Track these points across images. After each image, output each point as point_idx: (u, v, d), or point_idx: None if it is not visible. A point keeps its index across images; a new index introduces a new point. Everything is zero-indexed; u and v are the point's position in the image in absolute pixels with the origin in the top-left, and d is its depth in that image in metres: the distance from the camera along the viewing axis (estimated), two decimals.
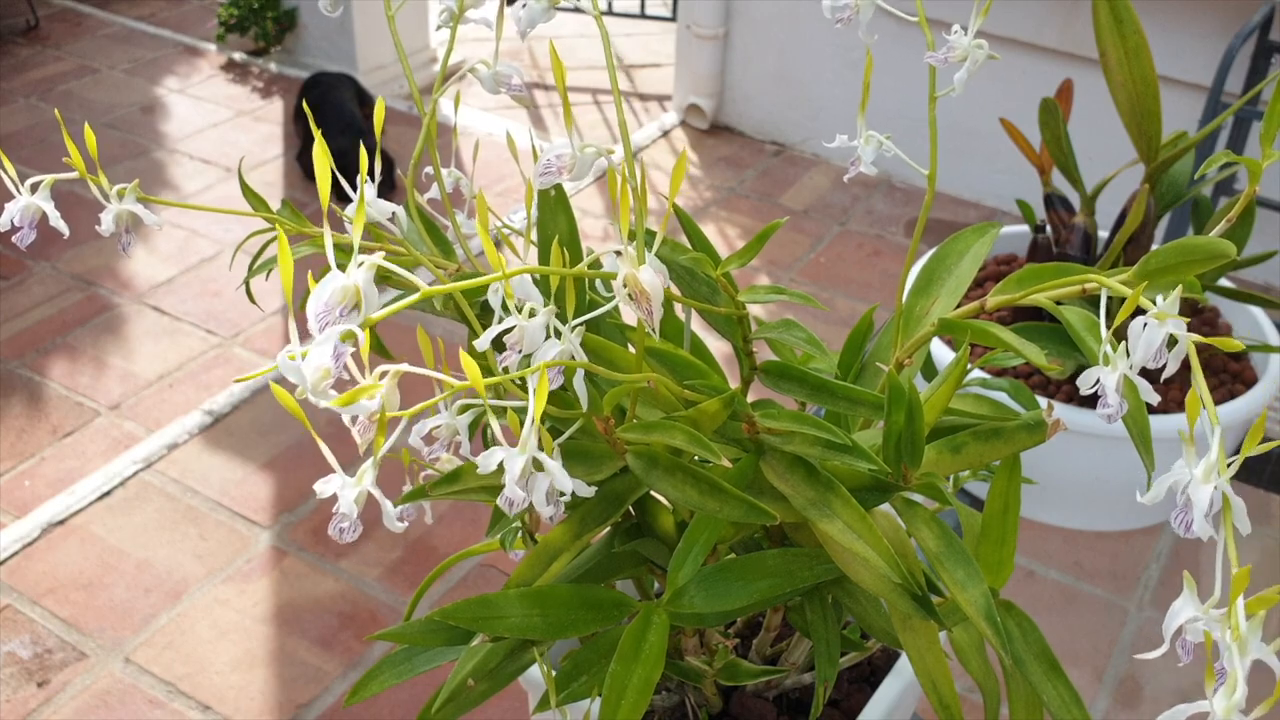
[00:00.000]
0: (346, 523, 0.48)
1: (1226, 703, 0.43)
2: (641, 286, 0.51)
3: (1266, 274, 2.11)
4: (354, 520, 0.48)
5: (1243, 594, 0.44)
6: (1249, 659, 0.44)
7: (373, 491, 0.48)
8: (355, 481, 0.48)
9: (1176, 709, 0.44)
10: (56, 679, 1.33)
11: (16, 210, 0.61)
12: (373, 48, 2.76)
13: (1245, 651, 0.44)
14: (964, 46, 0.62)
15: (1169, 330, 0.49)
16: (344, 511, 0.48)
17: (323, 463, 0.48)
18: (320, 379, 0.43)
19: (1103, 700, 1.33)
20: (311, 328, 0.44)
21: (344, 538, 0.48)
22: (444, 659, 0.75)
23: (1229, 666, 0.44)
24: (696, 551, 0.66)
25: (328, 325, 0.44)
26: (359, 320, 0.44)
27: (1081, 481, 1.50)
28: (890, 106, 2.33)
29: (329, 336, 0.43)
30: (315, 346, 0.43)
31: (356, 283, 0.45)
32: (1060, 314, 0.58)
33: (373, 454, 0.47)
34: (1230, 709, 0.43)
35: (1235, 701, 0.43)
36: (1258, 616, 0.44)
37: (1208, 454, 0.47)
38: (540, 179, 0.55)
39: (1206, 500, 0.46)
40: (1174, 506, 0.48)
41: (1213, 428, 0.47)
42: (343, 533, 0.48)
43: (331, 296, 0.45)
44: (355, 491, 0.48)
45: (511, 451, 0.49)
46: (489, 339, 0.53)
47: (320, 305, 0.44)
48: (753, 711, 0.83)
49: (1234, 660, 0.44)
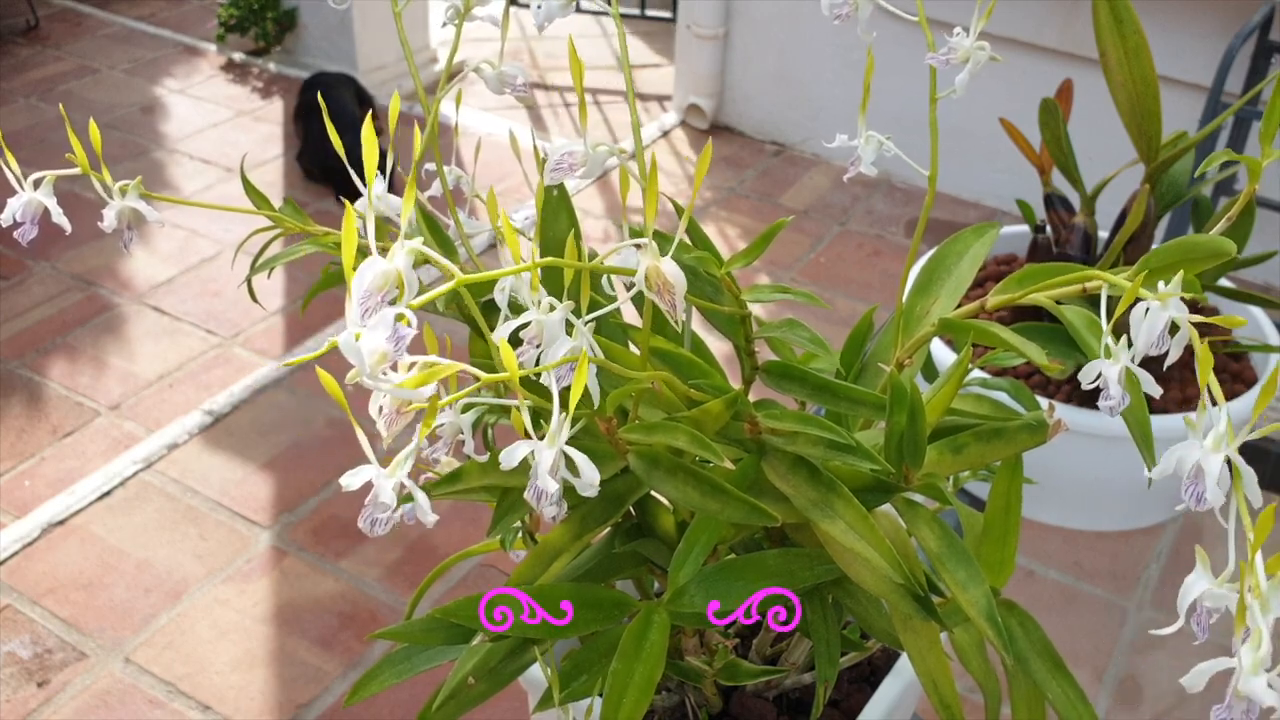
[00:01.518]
0: (384, 513, 0.47)
1: (1253, 657, 0.43)
2: (665, 278, 0.51)
3: (1266, 274, 2.11)
4: (392, 511, 0.47)
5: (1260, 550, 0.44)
6: (1271, 616, 0.44)
7: (407, 483, 0.47)
8: (390, 472, 0.47)
9: (1198, 668, 0.44)
10: (56, 679, 1.33)
11: (19, 206, 0.61)
12: (373, 48, 2.76)
13: (1267, 608, 0.44)
14: (965, 48, 0.62)
15: (1170, 315, 0.49)
16: (384, 501, 0.47)
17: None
18: (377, 362, 0.42)
19: (1103, 700, 1.33)
20: (353, 314, 0.44)
21: (374, 531, 0.47)
22: (444, 658, 0.75)
23: (1251, 624, 0.44)
24: (697, 552, 0.66)
25: (369, 311, 0.43)
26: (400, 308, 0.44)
27: (1081, 481, 1.50)
28: (891, 107, 2.32)
29: (384, 319, 0.42)
30: (369, 330, 0.42)
31: (399, 267, 0.45)
32: (1061, 313, 0.58)
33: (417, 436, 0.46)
34: (1257, 663, 0.43)
35: (1261, 657, 0.43)
36: (1278, 576, 0.44)
37: (1215, 427, 0.47)
38: (551, 175, 0.55)
39: (1218, 467, 0.46)
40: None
41: (1218, 405, 0.47)
42: (375, 525, 0.47)
43: (373, 281, 0.44)
44: (393, 481, 0.47)
45: (540, 444, 0.49)
46: (508, 330, 0.53)
47: (362, 290, 0.44)
48: (753, 711, 0.83)
49: (1256, 617, 0.44)
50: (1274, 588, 0.44)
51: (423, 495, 0.47)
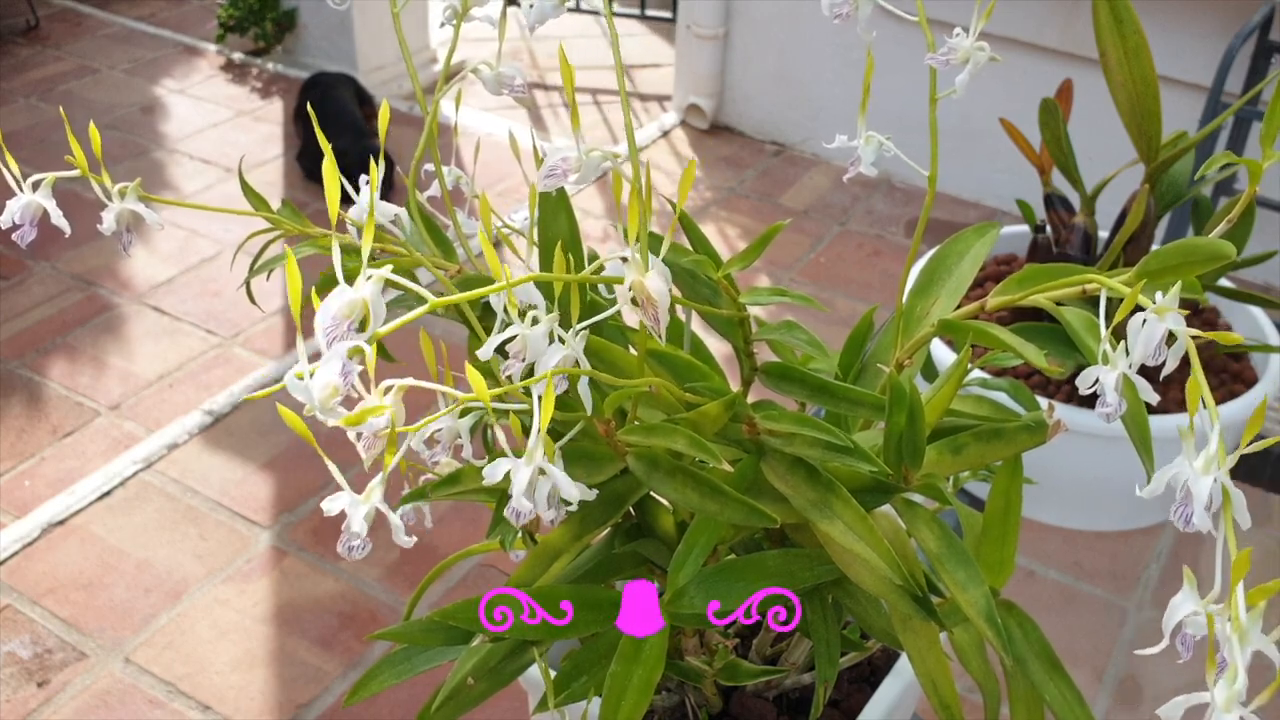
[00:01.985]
0: (357, 541, 0.48)
1: (1228, 692, 0.43)
2: (649, 293, 0.51)
3: (1266, 274, 2.11)
4: (364, 539, 0.48)
5: (1242, 582, 0.44)
6: (1249, 649, 0.44)
7: (381, 508, 0.48)
8: (364, 499, 0.48)
9: (1174, 701, 0.44)
10: (56, 679, 1.33)
11: (18, 208, 0.61)
12: (373, 48, 2.76)
13: (1246, 641, 0.44)
14: (965, 49, 0.62)
15: (1168, 326, 0.49)
16: (355, 530, 0.47)
17: (323, 463, 0.48)
18: (328, 396, 0.42)
19: (1103, 700, 1.33)
20: (319, 343, 0.44)
21: (353, 555, 0.48)
22: (444, 659, 0.75)
23: (1229, 657, 0.44)
24: (697, 552, 0.66)
25: (335, 340, 0.43)
26: (367, 336, 0.44)
27: (1081, 481, 1.50)
28: (893, 107, 2.32)
29: (336, 354, 0.43)
30: (323, 364, 0.43)
31: (364, 297, 0.45)
32: (1060, 314, 0.58)
33: (381, 469, 0.47)
34: (1231, 699, 0.43)
35: (1236, 692, 0.43)
36: (1258, 607, 0.44)
37: (1207, 447, 0.47)
38: (545, 181, 0.55)
39: (1206, 492, 0.46)
40: (1174, 504, 0.48)
41: (1212, 423, 0.47)
42: (352, 550, 0.48)
43: (339, 311, 0.44)
44: (365, 509, 0.48)
45: (518, 462, 0.49)
46: (490, 349, 0.53)
47: (328, 320, 0.44)
48: (753, 711, 0.83)
49: (1234, 651, 0.44)
50: (1253, 620, 0.44)
51: (395, 518, 0.48)
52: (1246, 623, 0.44)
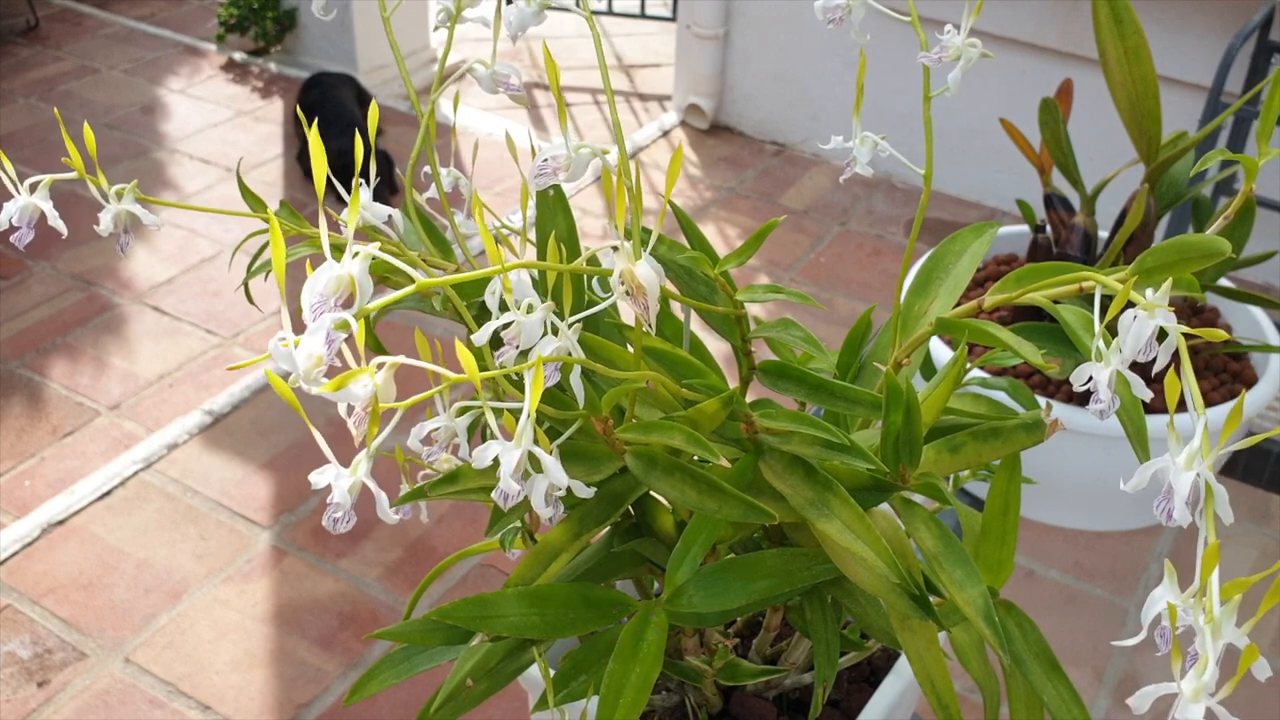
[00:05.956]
0: (340, 512, 0.48)
1: (1196, 684, 0.43)
2: (638, 281, 0.51)
3: (1266, 274, 2.11)
4: (348, 510, 0.48)
5: (1216, 574, 0.44)
6: (1221, 642, 0.44)
7: (367, 482, 0.48)
8: (350, 471, 0.48)
9: (1143, 691, 0.44)
10: (56, 679, 1.34)
11: (15, 210, 0.61)
12: (373, 47, 2.76)
13: (1219, 635, 0.44)
14: (957, 46, 0.62)
15: (1158, 323, 0.49)
16: (338, 500, 0.47)
17: (323, 463, 0.48)
18: (313, 366, 0.43)
19: (1103, 700, 1.33)
20: (306, 317, 0.44)
21: (337, 528, 0.48)
22: (443, 658, 0.75)
23: (1200, 649, 0.44)
24: (695, 551, 0.66)
25: (322, 315, 0.44)
26: (354, 312, 0.44)
27: (1081, 481, 1.49)
28: (896, 107, 2.33)
29: (322, 324, 0.43)
30: (308, 334, 0.43)
31: (351, 272, 0.45)
32: (1057, 313, 0.58)
33: (366, 445, 0.47)
34: (1199, 690, 0.43)
35: (1205, 683, 0.43)
36: (1233, 601, 0.44)
37: (1190, 442, 0.47)
38: (535, 180, 0.55)
39: (1187, 487, 0.46)
40: (1156, 498, 0.48)
41: (1198, 417, 0.47)
42: (336, 523, 0.48)
43: (326, 286, 0.45)
44: (350, 481, 0.48)
45: (507, 445, 0.49)
46: (487, 333, 0.53)
47: (315, 295, 0.44)
48: (753, 711, 0.83)
49: (1206, 643, 0.44)
50: (1227, 613, 0.44)
51: (383, 495, 0.48)
52: (1220, 615, 0.44)
